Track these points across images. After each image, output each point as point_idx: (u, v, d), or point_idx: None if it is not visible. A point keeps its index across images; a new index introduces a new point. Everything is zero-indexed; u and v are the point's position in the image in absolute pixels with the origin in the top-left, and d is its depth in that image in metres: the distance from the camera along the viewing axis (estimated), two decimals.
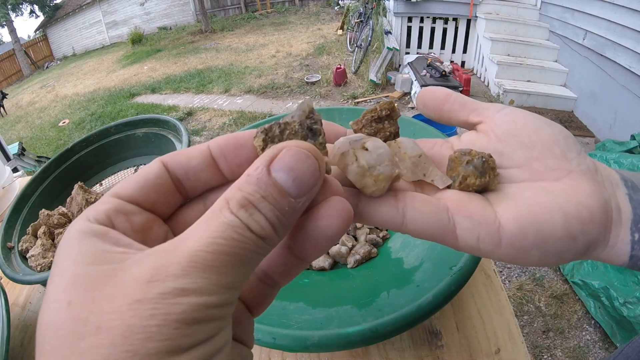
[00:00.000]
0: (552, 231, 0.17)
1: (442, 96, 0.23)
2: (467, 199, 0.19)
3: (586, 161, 0.20)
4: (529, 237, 0.17)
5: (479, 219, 0.18)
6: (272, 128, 0.17)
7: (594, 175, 0.19)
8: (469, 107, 0.22)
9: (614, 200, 0.19)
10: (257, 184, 0.14)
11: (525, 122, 0.20)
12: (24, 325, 0.51)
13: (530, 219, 0.17)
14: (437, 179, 0.20)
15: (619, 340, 1.35)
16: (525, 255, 0.18)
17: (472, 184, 0.19)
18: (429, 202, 0.18)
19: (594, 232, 0.18)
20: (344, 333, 0.30)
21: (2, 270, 0.47)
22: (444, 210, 0.18)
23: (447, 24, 3.98)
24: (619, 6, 2.45)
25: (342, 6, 7.48)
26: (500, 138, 0.21)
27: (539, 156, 0.20)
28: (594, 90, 2.85)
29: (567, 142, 0.20)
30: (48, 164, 0.64)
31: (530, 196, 0.18)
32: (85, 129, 4.36)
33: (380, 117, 0.21)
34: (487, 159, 0.19)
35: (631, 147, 2.09)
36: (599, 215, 0.18)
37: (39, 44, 10.88)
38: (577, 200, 0.18)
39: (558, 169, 0.19)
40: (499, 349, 0.38)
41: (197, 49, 6.96)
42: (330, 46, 5.52)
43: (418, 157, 0.20)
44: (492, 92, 3.44)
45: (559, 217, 0.17)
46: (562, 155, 0.19)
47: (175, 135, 0.63)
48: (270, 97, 4.15)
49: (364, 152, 0.18)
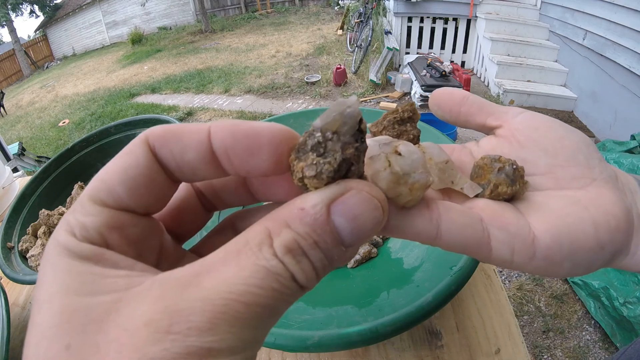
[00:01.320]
0: (584, 242, 0.17)
1: (459, 98, 0.22)
2: (500, 209, 0.17)
3: (607, 169, 0.19)
4: (563, 249, 0.17)
5: (515, 231, 0.17)
6: (308, 143, 0.13)
7: (615, 183, 0.19)
8: (486, 110, 0.22)
9: (634, 207, 0.19)
10: (312, 226, 0.12)
11: (548, 129, 0.20)
12: (24, 325, 0.51)
13: (564, 231, 0.17)
14: (466, 187, 0.19)
15: (619, 340, 1.35)
16: (557, 267, 0.17)
17: (504, 193, 0.18)
18: (464, 213, 0.17)
19: (619, 240, 0.17)
20: (344, 333, 0.30)
21: (2, 270, 0.47)
22: (479, 222, 0.17)
23: (447, 24, 3.98)
24: (619, 6, 2.45)
25: (342, 6, 7.48)
26: (522, 144, 0.20)
27: (563, 164, 0.19)
28: (594, 90, 2.85)
29: (589, 150, 0.19)
30: (48, 164, 0.64)
31: (559, 206, 0.18)
32: (85, 129, 4.36)
33: (402, 119, 0.20)
34: (517, 167, 0.18)
35: (631, 147, 2.09)
36: (624, 224, 0.18)
37: (39, 44, 10.88)
38: (604, 209, 0.17)
39: (582, 177, 0.19)
40: (499, 349, 0.38)
41: (197, 49, 6.96)
42: (330, 46, 5.52)
43: (445, 163, 0.19)
44: (492, 92, 3.44)
45: (590, 227, 0.17)
46: (585, 163, 0.19)
47: None
48: (270, 97, 4.15)
49: (398, 157, 0.16)
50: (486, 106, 0.22)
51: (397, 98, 3.55)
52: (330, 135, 0.13)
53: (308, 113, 0.58)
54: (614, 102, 2.61)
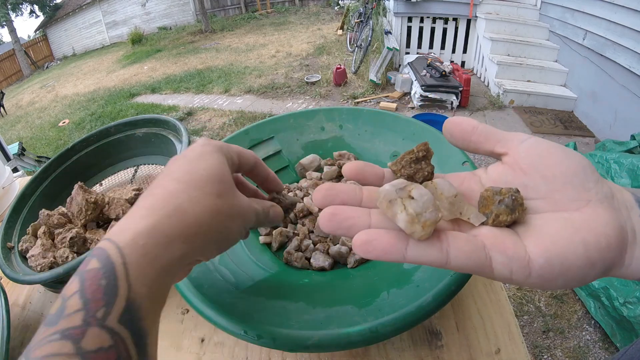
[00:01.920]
0: (575, 261, 0.19)
1: (469, 129, 0.25)
2: (501, 236, 0.21)
3: (603, 189, 0.21)
4: (555, 268, 0.19)
5: (513, 255, 0.20)
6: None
7: (610, 202, 0.21)
8: (493, 138, 0.24)
9: (629, 223, 0.21)
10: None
11: (548, 156, 0.22)
12: (24, 325, 0.51)
13: (556, 253, 0.19)
14: (472, 217, 0.22)
15: (619, 340, 1.35)
16: (551, 283, 0.20)
17: (504, 221, 0.21)
18: (469, 242, 0.20)
19: (610, 257, 0.20)
20: (344, 333, 0.30)
21: (2, 270, 0.47)
22: (482, 248, 0.20)
23: (447, 24, 3.98)
24: (619, 6, 2.45)
25: (342, 6, 7.48)
26: (525, 172, 0.22)
27: (560, 188, 0.21)
28: (594, 90, 2.85)
29: (586, 173, 0.21)
30: (48, 164, 0.64)
31: (554, 229, 0.20)
32: (85, 129, 4.36)
33: (418, 159, 0.23)
34: (516, 197, 0.21)
35: (631, 147, 2.09)
36: (615, 242, 0.20)
37: (39, 44, 10.88)
38: (596, 230, 0.20)
39: (578, 199, 0.21)
40: (499, 349, 0.38)
41: (197, 49, 6.96)
42: (330, 46, 5.52)
43: (454, 197, 0.22)
44: (492, 92, 3.44)
45: (581, 248, 0.19)
46: (581, 186, 0.21)
47: (175, 136, 0.63)
48: (270, 97, 4.15)
49: (411, 200, 0.20)
50: (493, 134, 0.24)
51: (397, 98, 3.55)
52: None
53: (308, 113, 0.58)
54: (614, 102, 2.61)
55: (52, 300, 0.53)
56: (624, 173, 1.78)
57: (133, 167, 0.70)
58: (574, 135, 2.77)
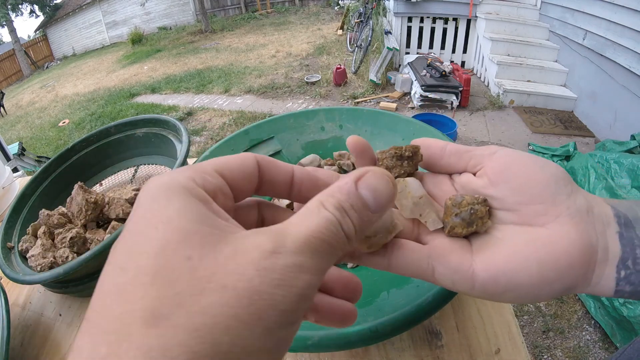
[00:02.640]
0: (526, 279, 0.19)
1: (438, 152, 0.24)
2: (449, 248, 0.21)
3: (577, 202, 0.20)
4: (500, 284, 0.20)
5: (455, 267, 0.21)
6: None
7: (583, 216, 0.20)
8: (465, 156, 0.23)
9: (601, 240, 0.20)
10: (347, 194, 0.17)
11: (519, 167, 0.21)
12: (24, 325, 0.51)
13: (503, 269, 0.20)
14: (429, 222, 0.22)
15: (619, 340, 1.35)
16: (499, 297, 0.20)
17: (459, 233, 0.22)
18: (414, 251, 0.21)
19: (571, 277, 0.19)
20: (344, 333, 0.30)
21: (2, 270, 0.47)
22: (426, 258, 0.21)
23: (447, 24, 3.98)
24: (619, 6, 2.45)
25: (342, 6, 7.48)
26: (493, 183, 0.22)
27: (528, 202, 0.21)
28: (594, 90, 2.85)
29: (558, 185, 0.21)
30: (48, 164, 0.64)
31: (512, 244, 0.20)
32: (85, 129, 4.35)
33: (402, 156, 0.23)
34: (476, 210, 0.21)
35: (631, 147, 2.09)
36: (579, 262, 0.19)
37: (39, 44, 10.88)
38: (557, 248, 0.19)
39: (545, 214, 0.20)
40: (499, 349, 0.38)
41: (197, 49, 6.96)
42: (330, 46, 5.52)
43: (419, 198, 0.22)
44: (492, 92, 3.44)
45: (535, 266, 0.19)
46: (551, 199, 0.20)
47: (175, 135, 0.63)
48: (270, 97, 4.15)
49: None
50: (464, 153, 0.24)
51: (397, 98, 3.55)
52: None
53: (308, 113, 0.58)
54: (614, 102, 2.61)
55: (51, 300, 0.53)
56: (624, 173, 1.78)
57: (133, 167, 0.70)
58: (574, 135, 2.77)
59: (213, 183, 0.17)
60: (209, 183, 0.16)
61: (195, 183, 0.16)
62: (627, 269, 0.19)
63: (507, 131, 2.89)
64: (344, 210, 0.16)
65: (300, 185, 0.20)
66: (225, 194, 0.17)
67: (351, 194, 0.17)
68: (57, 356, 0.46)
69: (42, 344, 0.48)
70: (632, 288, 0.20)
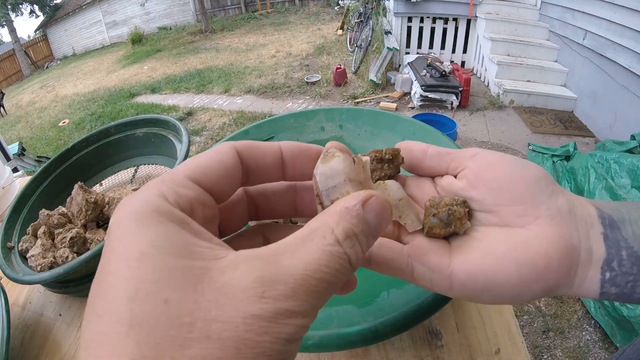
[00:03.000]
0: (503, 280, 0.19)
1: (420, 155, 0.24)
2: (427, 248, 0.21)
3: (558, 203, 0.20)
4: (478, 283, 0.20)
5: (433, 267, 0.20)
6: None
7: (564, 217, 0.20)
8: (446, 159, 0.23)
9: (584, 242, 0.20)
10: (357, 218, 0.15)
11: (499, 169, 0.21)
12: (24, 325, 0.51)
13: (481, 269, 0.20)
14: (408, 223, 0.22)
15: (619, 340, 1.35)
16: (477, 297, 0.20)
17: (438, 234, 0.22)
18: (394, 250, 0.21)
19: (551, 278, 0.19)
20: (344, 333, 0.30)
21: (2, 270, 0.47)
22: (405, 256, 0.21)
23: (447, 24, 3.98)
24: (619, 6, 2.45)
25: (342, 6, 7.48)
26: (472, 185, 0.22)
27: (508, 203, 0.21)
28: (594, 90, 2.85)
29: (539, 186, 0.21)
30: (48, 164, 0.64)
31: (490, 245, 0.20)
32: (85, 129, 4.36)
33: (382, 159, 0.23)
34: (454, 211, 0.21)
35: (631, 147, 2.09)
36: (557, 263, 0.19)
37: (39, 44, 10.88)
38: (535, 249, 0.19)
39: (525, 215, 0.20)
40: (499, 349, 0.38)
41: (197, 49, 6.96)
42: (330, 46, 5.52)
43: (398, 200, 0.22)
44: (492, 92, 3.44)
45: (512, 266, 0.19)
46: (531, 200, 0.20)
47: (175, 135, 0.63)
48: (270, 97, 4.15)
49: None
50: (445, 155, 0.24)
51: (397, 98, 3.55)
52: None
53: (308, 113, 0.58)
54: (614, 102, 2.61)
55: (51, 300, 0.53)
56: (624, 173, 1.78)
57: (133, 167, 0.70)
58: (574, 135, 2.77)
59: (188, 196, 0.15)
60: (183, 197, 0.14)
61: (167, 201, 0.14)
62: (612, 271, 0.19)
63: (507, 131, 2.89)
64: (355, 237, 0.15)
65: (293, 162, 0.19)
66: (204, 204, 0.15)
67: (361, 217, 0.15)
68: (57, 356, 0.46)
69: (42, 344, 0.48)
70: (618, 290, 0.19)
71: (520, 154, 2.58)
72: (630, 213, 0.20)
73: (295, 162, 0.18)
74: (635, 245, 0.19)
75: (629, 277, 0.19)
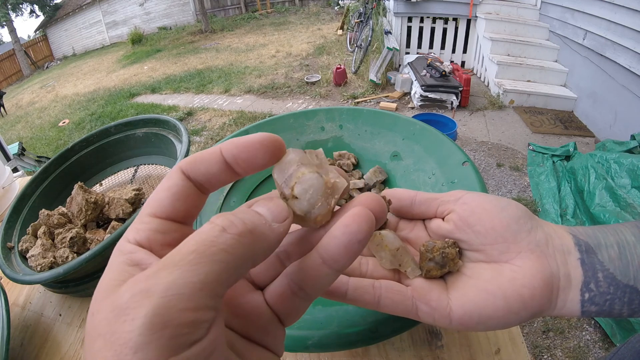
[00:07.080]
0: (494, 312, 0.22)
1: (408, 202, 0.27)
2: (429, 288, 0.24)
3: (537, 237, 0.23)
4: (473, 319, 0.22)
5: (436, 306, 0.23)
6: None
7: (543, 249, 0.23)
8: (434, 204, 0.26)
9: (562, 268, 0.22)
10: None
11: (481, 212, 0.24)
12: (24, 325, 0.51)
13: (475, 305, 0.22)
14: (409, 271, 0.25)
15: (619, 340, 1.35)
16: (473, 329, 0.23)
17: (435, 275, 0.24)
18: (400, 292, 0.24)
19: (536, 305, 0.22)
20: (344, 333, 0.30)
21: (2, 270, 0.47)
22: (410, 298, 0.24)
23: (447, 24, 3.98)
24: (619, 6, 2.45)
25: (342, 6, 7.48)
26: (459, 228, 0.25)
27: (492, 242, 0.23)
28: (594, 90, 2.85)
29: (519, 224, 0.23)
30: (48, 164, 0.64)
31: (479, 282, 0.23)
32: (85, 129, 4.36)
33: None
34: (447, 253, 0.24)
35: (631, 147, 2.09)
36: (540, 292, 0.22)
37: (39, 44, 10.88)
38: (520, 282, 0.22)
39: (508, 252, 0.23)
40: (499, 349, 0.38)
41: (197, 49, 6.96)
42: (330, 46, 5.52)
43: (396, 250, 0.24)
44: (492, 92, 3.44)
45: (500, 301, 0.22)
46: (512, 238, 0.23)
47: (175, 135, 0.63)
48: (270, 97, 4.15)
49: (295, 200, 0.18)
50: (432, 201, 0.26)
51: (397, 98, 3.55)
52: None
53: (308, 113, 0.58)
54: (614, 102, 2.61)
55: (51, 300, 0.53)
56: (624, 173, 1.78)
57: (133, 167, 0.70)
58: (574, 135, 2.77)
59: (145, 230, 0.16)
60: (140, 232, 0.16)
61: (128, 241, 0.16)
62: (590, 292, 0.22)
63: (507, 131, 2.89)
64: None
65: (236, 162, 0.18)
66: (163, 231, 0.16)
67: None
68: (57, 356, 0.46)
69: (42, 344, 0.48)
70: (597, 308, 0.22)
71: (521, 154, 2.58)
72: (606, 238, 0.23)
73: (238, 161, 0.18)
74: (611, 267, 0.22)
75: (607, 296, 0.21)
